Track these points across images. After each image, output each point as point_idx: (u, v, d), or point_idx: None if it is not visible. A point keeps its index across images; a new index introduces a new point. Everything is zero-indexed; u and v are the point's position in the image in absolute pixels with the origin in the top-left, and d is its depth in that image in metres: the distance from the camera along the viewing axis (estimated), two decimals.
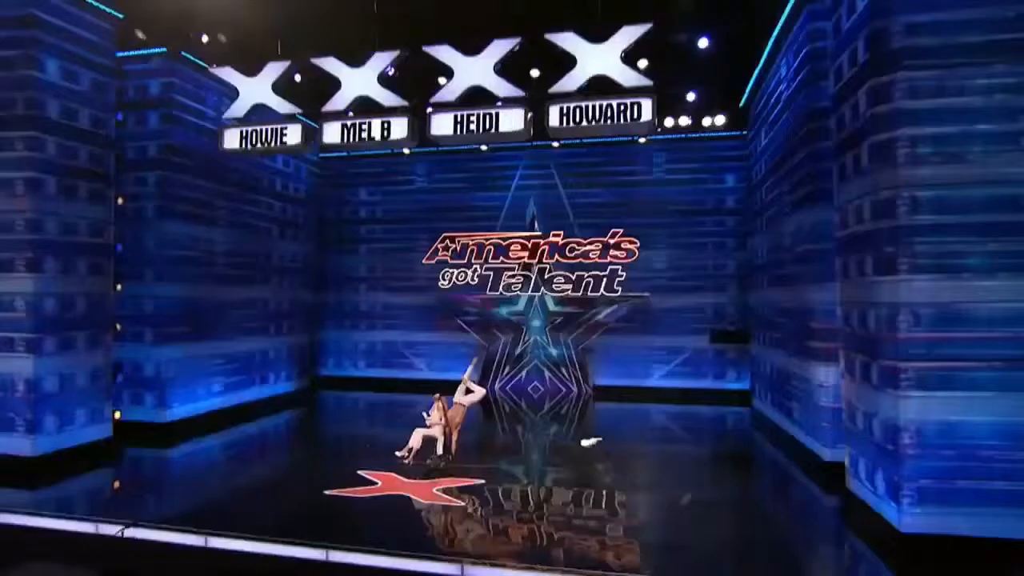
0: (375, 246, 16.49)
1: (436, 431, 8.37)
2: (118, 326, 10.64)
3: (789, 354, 9.95)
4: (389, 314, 16.17)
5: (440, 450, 8.25)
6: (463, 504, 7.16)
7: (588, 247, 14.73)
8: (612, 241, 14.62)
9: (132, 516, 6.80)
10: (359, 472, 7.93)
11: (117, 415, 10.19)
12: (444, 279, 15.58)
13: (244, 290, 13.17)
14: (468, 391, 8.60)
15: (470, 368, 8.74)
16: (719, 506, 7.26)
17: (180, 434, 10.94)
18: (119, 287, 10.63)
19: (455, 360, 15.14)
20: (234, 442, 10.91)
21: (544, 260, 14.99)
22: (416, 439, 8.17)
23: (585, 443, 9.61)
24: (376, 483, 7.57)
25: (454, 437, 8.41)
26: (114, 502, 7.89)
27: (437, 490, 7.39)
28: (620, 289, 14.58)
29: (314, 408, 14.52)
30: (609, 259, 14.67)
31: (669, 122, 13.26)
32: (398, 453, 8.16)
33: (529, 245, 15.13)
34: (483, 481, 7.79)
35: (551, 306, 15.02)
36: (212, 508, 7.30)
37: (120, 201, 10.49)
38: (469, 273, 15.39)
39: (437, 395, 8.52)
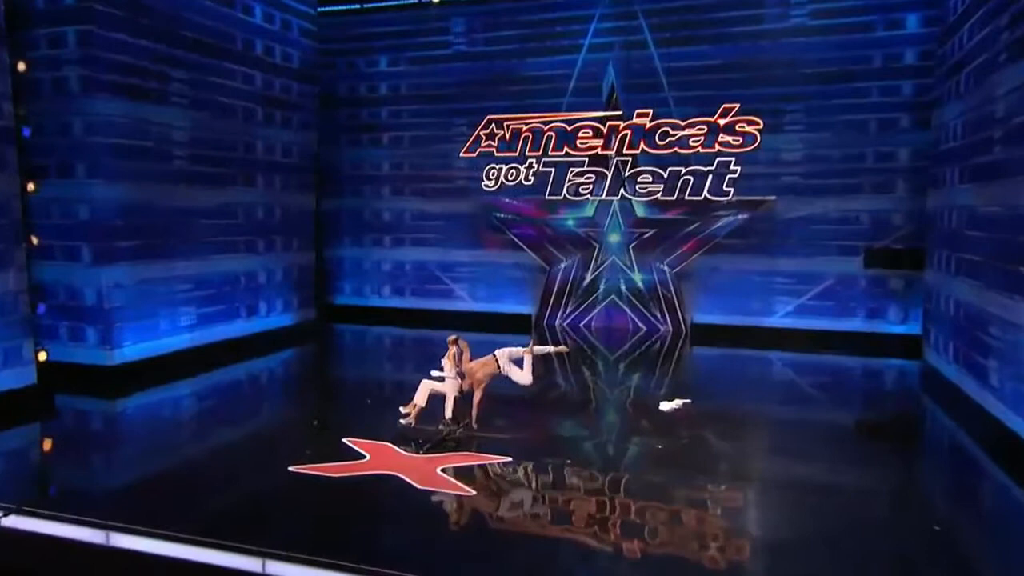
0: (400, 135, 16.23)
1: (448, 387, 8.09)
2: (34, 239, 10.27)
3: (988, 286, 9.17)
4: (420, 226, 16.20)
5: (448, 413, 7.99)
6: (472, 494, 6.74)
7: (688, 131, 14.15)
8: (723, 122, 13.92)
9: (17, 499, 6.50)
10: (346, 440, 7.74)
11: (43, 356, 9.79)
12: (489, 178, 15.38)
13: (217, 193, 12.82)
14: (518, 363, 8.04)
15: (533, 344, 8.15)
16: (873, 513, 6.51)
17: (134, 381, 10.83)
18: (31, 187, 10.26)
19: (505, 288, 15.56)
20: (204, 392, 10.86)
21: (626, 151, 14.59)
22: (422, 394, 8.02)
23: (665, 407, 9.18)
24: (364, 456, 7.36)
25: (475, 398, 8.04)
26: (3, 477, 7.62)
27: (442, 470, 7.12)
28: (732, 191, 14.06)
29: (323, 346, 14.71)
30: (718, 148, 14.04)
31: None
32: (403, 410, 7.96)
33: (605, 130, 14.70)
34: (510, 459, 7.41)
35: (635, 214, 14.71)
36: (135, 490, 7.06)
37: (21, 67, 10.00)
38: (522, 170, 15.13)
39: (452, 337, 8.16)
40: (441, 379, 8.03)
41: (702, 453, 7.93)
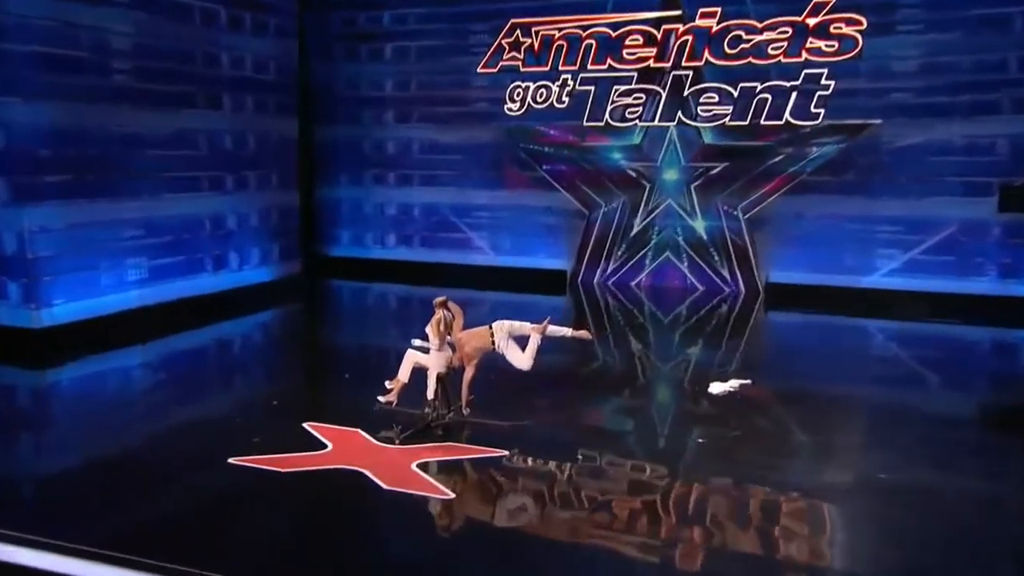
0: (405, 45, 16.07)
1: (432, 360, 7.88)
2: None
3: None
4: (430, 160, 16.16)
5: (429, 393, 7.84)
6: (449, 497, 6.56)
7: (767, 35, 13.74)
8: (813, 22, 13.47)
9: None
10: (307, 425, 7.80)
11: None
12: (514, 100, 15.22)
13: (171, 117, 12.71)
14: (520, 341, 7.94)
15: (547, 324, 8.05)
16: (1005, 531, 6.29)
17: (67, 348, 10.84)
18: None
19: (534, 237, 15.50)
20: (154, 363, 10.93)
21: (685, 63, 14.31)
22: (406, 368, 7.87)
23: (716, 388, 9.04)
24: (325, 446, 7.45)
25: (466, 376, 7.91)
26: None
27: (420, 465, 7.05)
28: (823, 113, 13.69)
29: (310, 307, 14.94)
30: (805, 56, 13.62)
31: None
32: (388, 384, 7.92)
33: (659, 36, 14.38)
34: (506, 453, 7.30)
35: (697, 144, 14.63)
36: (46, 489, 7.02)
37: None
38: (555, 89, 14.97)
39: (440, 299, 7.95)
40: (427, 350, 8.00)
41: (765, 449, 7.73)
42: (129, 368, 10.59)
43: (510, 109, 15.14)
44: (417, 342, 7.96)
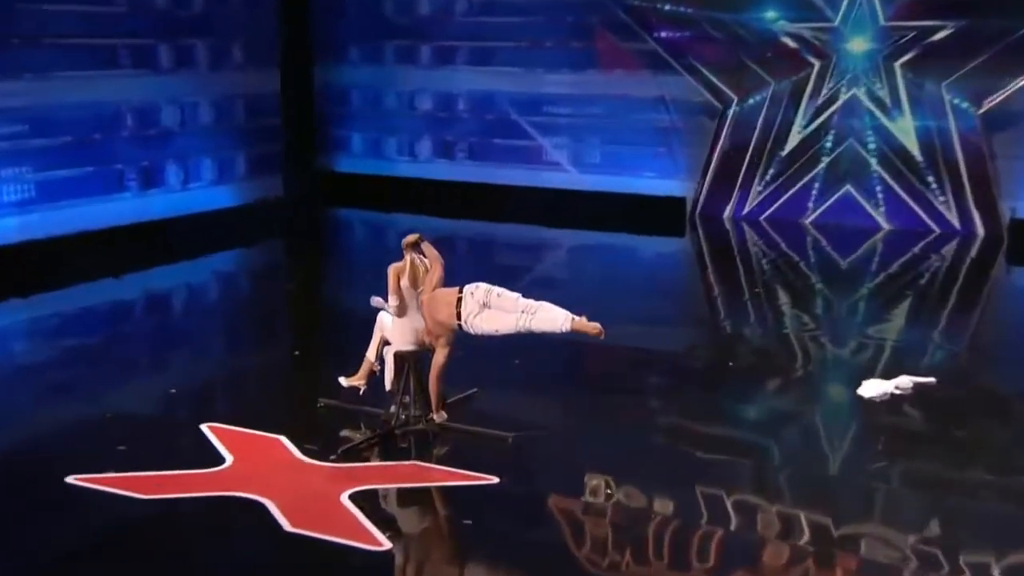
0: None
1: (395, 332, 8.17)
2: None
3: None
4: (481, 25, 16.13)
5: (388, 383, 8.07)
6: (381, 549, 6.40)
7: None
8: None
9: None
10: (206, 427, 7.86)
11: None
12: None
13: None
14: (504, 309, 8.05)
15: (574, 321, 7.99)
16: None
17: None
18: None
19: (639, 146, 15.39)
20: (25, 326, 11.10)
21: None
22: (374, 343, 8.31)
23: (871, 390, 8.88)
24: (223, 460, 7.54)
25: (435, 364, 8.02)
26: None
27: (353, 496, 6.96)
28: None
29: (293, 249, 15.03)
30: None
31: None
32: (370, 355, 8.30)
33: None
34: (496, 479, 7.23)
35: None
36: None
37: None
38: None
39: (412, 237, 8.14)
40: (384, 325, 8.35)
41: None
42: None
43: None
44: (377, 300, 8.02)
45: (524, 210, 14.63)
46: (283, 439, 7.62)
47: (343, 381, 8.13)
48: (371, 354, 8.16)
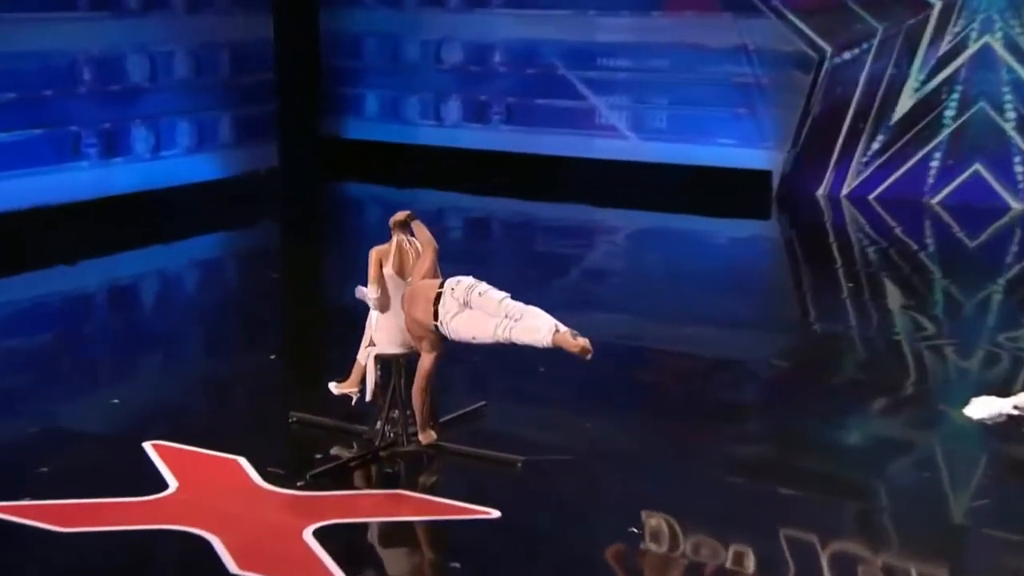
0: None
1: (381, 329, 8.21)
2: None
3: None
4: None
5: (369, 394, 8.07)
6: None
7: None
8: None
9: None
10: (149, 445, 7.90)
11: None
12: None
13: None
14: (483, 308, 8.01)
15: (548, 319, 7.88)
16: None
17: None
18: None
19: (714, 107, 15.49)
20: None
21: None
22: (365, 343, 8.37)
23: (980, 411, 8.85)
24: (167, 486, 7.57)
25: (419, 372, 7.93)
26: None
27: (315, 532, 6.95)
28: None
29: (287, 233, 15.27)
30: None
31: None
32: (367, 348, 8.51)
33: None
34: (497, 513, 7.18)
35: None
36: None
37: None
38: None
39: (400, 215, 8.12)
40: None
41: None
42: None
43: None
44: (361, 291, 7.98)
45: (573, 186, 14.76)
46: (241, 460, 7.53)
47: (333, 388, 7.98)
48: (362, 356, 7.99)
